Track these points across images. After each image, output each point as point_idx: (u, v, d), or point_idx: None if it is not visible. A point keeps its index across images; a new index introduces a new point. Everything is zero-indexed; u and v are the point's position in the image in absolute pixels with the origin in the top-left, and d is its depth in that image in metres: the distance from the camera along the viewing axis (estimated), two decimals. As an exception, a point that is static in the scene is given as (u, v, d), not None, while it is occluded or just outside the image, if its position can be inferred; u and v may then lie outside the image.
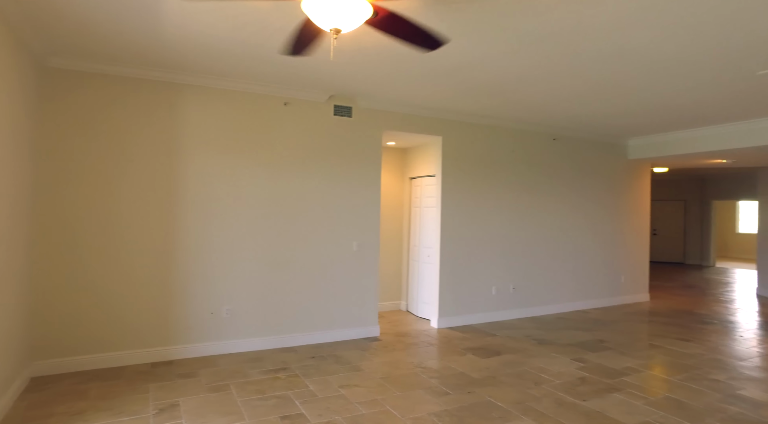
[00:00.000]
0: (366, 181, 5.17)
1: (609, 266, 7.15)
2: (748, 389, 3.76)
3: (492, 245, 6.04)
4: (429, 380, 3.86)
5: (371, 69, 4.01)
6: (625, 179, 7.36)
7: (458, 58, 3.67)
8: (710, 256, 12.67)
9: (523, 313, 6.28)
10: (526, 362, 4.35)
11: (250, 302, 4.58)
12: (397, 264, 6.68)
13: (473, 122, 5.87)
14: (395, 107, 5.29)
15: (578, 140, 6.83)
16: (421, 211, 6.23)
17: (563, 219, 6.68)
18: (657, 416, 3.22)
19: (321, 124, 4.92)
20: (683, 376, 4.03)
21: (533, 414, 3.22)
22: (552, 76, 4.10)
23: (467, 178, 5.85)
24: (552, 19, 2.91)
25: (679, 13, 2.80)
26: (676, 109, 5.24)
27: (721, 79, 4.12)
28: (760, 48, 3.35)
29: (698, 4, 2.69)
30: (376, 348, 4.74)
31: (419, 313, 6.20)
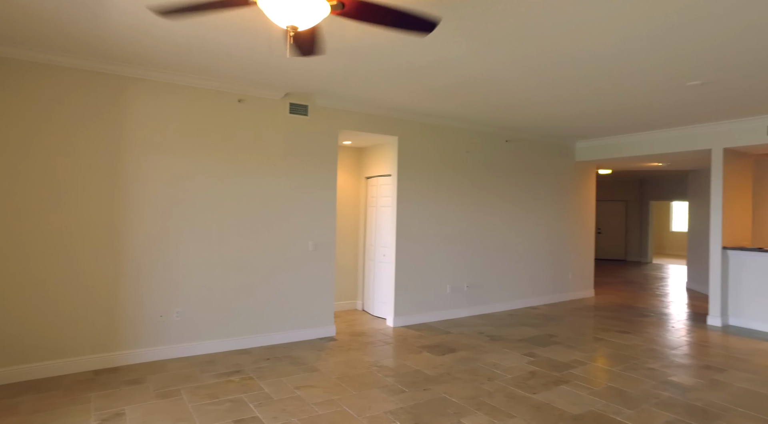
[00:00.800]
0: (322, 180, 5.14)
1: (557, 264, 7.46)
2: (678, 375, 4.03)
3: (447, 245, 6.15)
4: (385, 378, 3.89)
5: (328, 67, 3.99)
6: (572, 180, 7.69)
7: (416, 58, 3.71)
8: (648, 253, 13.49)
9: (476, 310, 6.44)
10: (479, 358, 4.46)
11: (202, 304, 4.44)
12: (354, 263, 6.67)
13: (429, 123, 5.96)
14: (352, 106, 5.28)
15: (530, 142, 7.08)
16: (377, 210, 6.25)
17: (515, 219, 6.90)
18: (600, 404, 3.39)
19: (276, 122, 4.83)
20: (623, 366, 4.27)
21: (486, 408, 3.31)
22: (507, 79, 4.22)
23: (423, 178, 5.93)
24: (509, 24, 3.00)
25: (626, 24, 2.96)
26: (620, 114, 5.54)
27: (659, 88, 4.39)
28: (689, 61, 3.60)
29: (642, 17, 2.85)
30: (332, 348, 4.72)
31: (375, 312, 6.23)
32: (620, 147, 7.07)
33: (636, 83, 4.25)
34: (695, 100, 4.80)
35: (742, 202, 6.50)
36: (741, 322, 5.97)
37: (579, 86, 4.38)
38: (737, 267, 6.03)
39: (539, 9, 2.77)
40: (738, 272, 6.02)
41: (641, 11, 2.78)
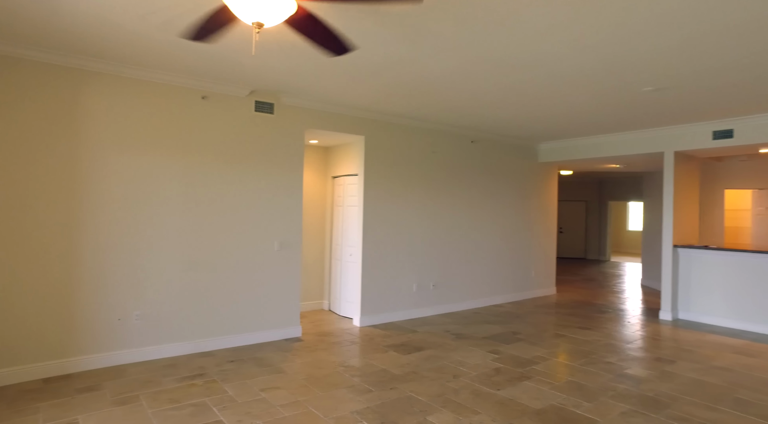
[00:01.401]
0: (288, 179, 5.08)
1: (521, 262, 7.64)
2: (633, 368, 4.21)
3: (413, 244, 6.20)
4: (351, 378, 3.88)
5: (295, 66, 3.94)
6: (536, 181, 7.90)
7: (383, 58, 3.72)
8: (606, 251, 14.01)
9: (442, 309, 6.52)
10: (445, 357, 4.52)
11: (164, 306, 4.31)
12: (320, 263, 6.63)
13: (396, 123, 5.99)
14: (318, 105, 5.24)
15: (495, 143, 7.22)
16: (343, 210, 6.23)
17: (480, 218, 7.02)
18: (561, 398, 3.50)
19: (241, 120, 4.74)
20: (583, 361, 4.42)
21: (452, 406, 3.36)
22: (472, 80, 4.29)
23: (389, 178, 5.96)
24: (473, 26, 3.05)
25: (583, 32, 3.06)
26: (580, 117, 5.73)
27: (615, 93, 4.57)
28: (643, 69, 3.76)
29: (599, 25, 2.96)
30: (298, 349, 4.67)
31: (342, 312, 6.21)
32: (581, 149, 7.31)
33: (593, 88, 4.40)
34: (649, 105, 5.02)
35: (691, 202, 6.84)
36: (689, 315, 6.29)
37: (538, 90, 4.50)
38: (686, 264, 6.35)
39: (496, 15, 2.83)
40: (687, 268, 6.34)
41: (592, 22, 2.88)
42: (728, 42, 3.22)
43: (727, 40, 3.20)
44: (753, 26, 2.95)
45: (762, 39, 3.15)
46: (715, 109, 5.22)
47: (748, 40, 3.18)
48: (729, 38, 3.16)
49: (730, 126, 5.73)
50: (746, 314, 5.81)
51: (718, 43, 3.25)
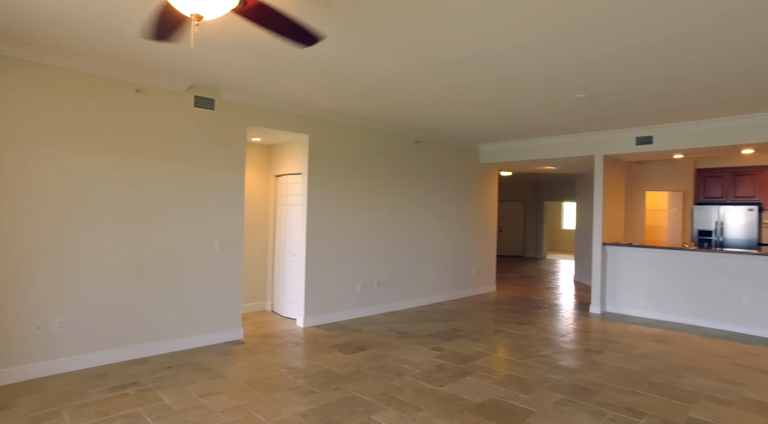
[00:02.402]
0: (229, 177, 4.92)
1: (463, 261, 7.86)
2: (566, 359, 4.46)
3: (358, 243, 6.20)
4: (295, 380, 3.83)
5: (237, 61, 3.82)
6: (477, 181, 8.14)
7: (329, 57, 3.69)
8: (543, 249, 14.71)
9: (387, 308, 6.58)
10: (389, 355, 4.56)
11: (93, 311, 4.03)
12: (262, 263, 6.48)
13: (341, 122, 5.96)
14: (262, 102, 5.12)
15: (438, 144, 7.37)
16: (287, 209, 6.13)
17: (424, 217, 7.15)
18: (500, 392, 3.64)
19: (180, 116, 4.54)
20: (520, 355, 4.62)
21: (396, 404, 3.39)
22: (417, 81, 4.36)
23: (334, 177, 5.92)
24: (418, 27, 3.10)
25: (524, 38, 3.19)
26: (518, 120, 5.97)
27: (552, 98, 4.81)
28: (576, 76, 3.99)
29: (540, 33, 3.10)
30: (239, 352, 4.54)
31: (285, 313, 6.10)
32: (519, 151, 7.62)
33: (532, 93, 4.61)
34: (582, 111, 5.33)
35: (617, 203, 7.34)
36: (616, 308, 6.74)
37: (481, 92, 4.64)
38: (613, 260, 6.80)
39: (441, 18, 2.90)
40: (614, 264, 6.79)
41: (533, 28, 3.02)
42: (651, 57, 3.48)
43: (650, 55, 3.45)
44: (672, 44, 3.20)
45: (678, 56, 3.43)
46: (638, 118, 5.62)
47: (667, 56, 3.45)
48: (652, 53, 3.41)
49: (651, 133, 6.20)
50: (663, 305, 6.31)
51: (643, 58, 3.51)
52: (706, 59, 3.55)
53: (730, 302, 5.78)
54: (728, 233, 7.87)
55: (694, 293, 6.08)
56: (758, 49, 3.31)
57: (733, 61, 3.59)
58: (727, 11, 2.73)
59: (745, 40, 3.15)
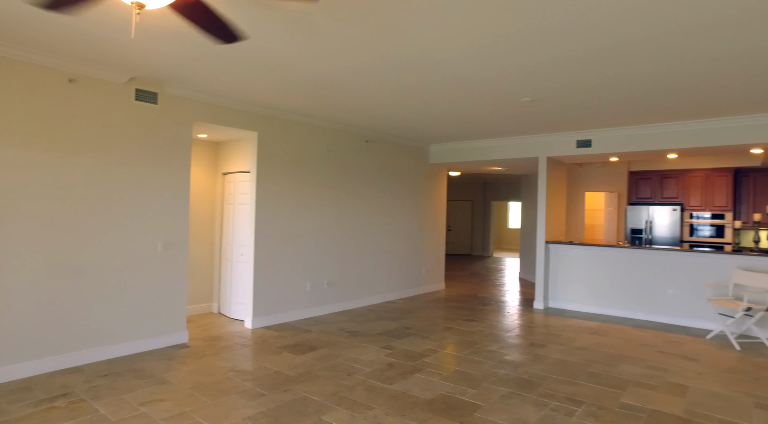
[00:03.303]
0: (173, 175, 4.72)
1: (413, 260, 7.96)
2: (511, 354, 4.63)
3: (307, 242, 6.14)
4: (243, 383, 3.73)
5: (182, 54, 3.67)
6: (426, 181, 8.27)
7: (279, 54, 3.62)
8: (490, 248, 15.16)
9: (337, 307, 6.55)
10: (339, 355, 4.55)
11: (17, 319, 3.74)
12: (209, 264, 6.27)
13: (291, 119, 5.87)
14: (208, 98, 4.95)
15: (388, 143, 7.42)
16: (234, 208, 5.96)
17: (374, 217, 7.18)
18: (449, 388, 3.72)
19: (119, 109, 4.30)
20: (468, 351, 4.74)
21: (347, 403, 3.39)
22: (368, 81, 4.36)
23: (283, 176, 5.83)
24: (369, 28, 3.10)
25: (472, 42, 3.27)
26: (466, 122, 6.12)
27: (499, 101, 4.96)
28: (521, 80, 4.14)
29: (488, 37, 3.19)
30: (184, 356, 4.37)
31: (233, 314, 5.94)
32: (468, 152, 7.82)
33: (480, 95, 4.74)
34: (527, 114, 5.54)
35: (560, 203, 7.69)
36: (558, 304, 7.07)
37: (430, 93, 4.72)
38: (555, 258, 7.12)
39: (391, 19, 2.92)
40: (556, 262, 7.12)
41: (479, 33, 3.11)
42: (589, 65, 3.67)
43: (588, 63, 3.64)
44: (606, 54, 3.40)
45: (611, 66, 3.65)
46: (579, 122, 5.92)
47: (602, 65, 3.65)
48: (589, 62, 3.60)
49: (590, 137, 6.55)
50: (600, 300, 6.68)
51: (582, 65, 3.69)
52: (637, 70, 3.79)
53: (657, 294, 6.22)
54: (656, 231, 8.46)
55: (626, 288, 6.48)
56: (683, 62, 3.58)
57: (660, 73, 3.86)
58: (656, 25, 2.93)
59: (672, 53, 3.39)
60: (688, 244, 8.32)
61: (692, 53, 3.40)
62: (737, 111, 5.17)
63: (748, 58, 3.47)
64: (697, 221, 8.29)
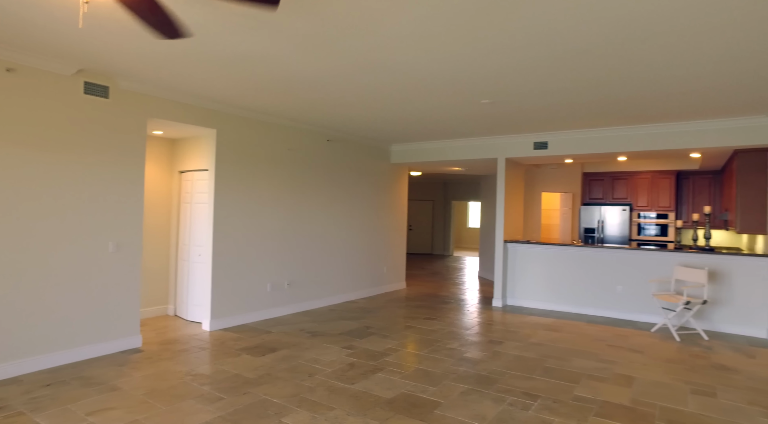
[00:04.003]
0: (126, 173, 4.53)
1: (374, 259, 7.98)
2: (471, 351, 4.72)
3: (267, 242, 6.04)
4: (200, 387, 3.63)
5: (135, 46, 3.52)
6: (388, 181, 8.31)
7: (239, 51, 3.54)
8: (450, 247, 15.40)
9: (298, 307, 6.48)
10: (300, 356, 4.50)
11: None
12: (164, 265, 6.06)
13: (251, 117, 5.76)
14: (165, 93, 4.77)
15: (350, 143, 7.40)
16: (192, 207, 5.79)
17: (335, 216, 7.14)
18: (410, 386, 3.76)
19: (66, 103, 4.08)
20: (429, 349, 4.80)
21: (307, 404, 3.36)
22: (330, 80, 4.34)
23: (243, 174, 5.70)
24: (332, 28, 3.08)
25: (435, 45, 3.31)
26: (428, 122, 6.19)
27: (460, 103, 5.05)
28: (482, 83, 4.23)
29: (451, 41, 3.24)
30: (137, 361, 4.21)
31: (190, 316, 5.76)
32: (428, 152, 7.91)
33: (440, 96, 4.81)
34: (486, 115, 5.66)
35: (517, 203, 7.91)
36: (515, 301, 7.27)
37: (393, 94, 4.75)
38: (513, 257, 7.32)
39: (348, 17, 2.92)
40: (513, 260, 7.31)
41: (441, 37, 3.15)
42: (545, 71, 3.80)
43: (544, 69, 3.76)
44: (560, 62, 3.52)
45: (565, 72, 3.79)
46: (536, 124, 6.11)
47: (557, 71, 3.78)
48: (545, 67, 3.72)
49: (546, 139, 6.77)
50: (555, 297, 6.93)
51: (539, 71, 3.81)
52: (589, 76, 3.95)
53: (608, 291, 6.51)
54: (608, 230, 8.84)
55: (580, 285, 6.75)
56: (631, 71, 3.76)
57: (611, 80, 4.04)
58: (608, 34, 3.06)
59: (621, 61, 3.56)
60: (636, 242, 8.75)
61: (640, 62, 3.58)
62: (678, 118, 5.48)
63: (686, 68, 3.69)
64: (644, 220, 8.73)
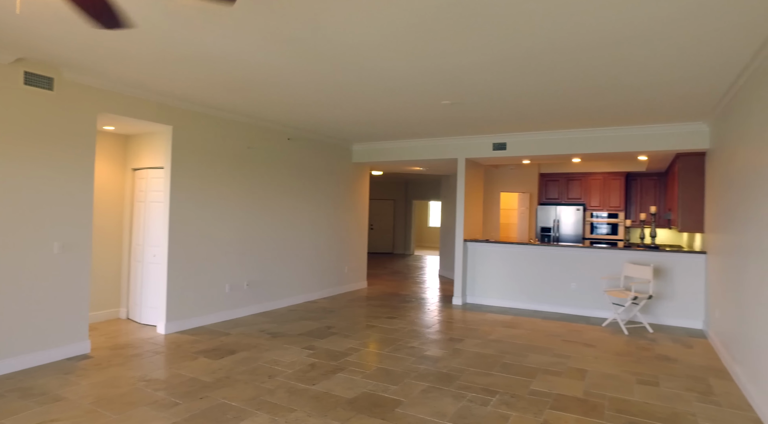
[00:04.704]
0: (73, 169, 4.30)
1: (335, 258, 7.93)
2: (431, 349, 4.78)
3: (226, 242, 5.89)
4: (155, 393, 3.50)
5: (80, 37, 3.35)
6: (349, 180, 8.28)
7: (196, 45, 3.43)
8: (411, 246, 15.53)
9: (258, 308, 6.36)
10: (260, 357, 4.42)
11: None
12: (116, 266, 5.80)
13: (210, 114, 5.60)
14: (117, 87, 4.56)
15: (311, 142, 7.33)
16: (146, 206, 5.57)
17: (296, 215, 7.06)
18: (371, 385, 3.76)
19: (2, 93, 3.83)
20: (390, 348, 4.83)
21: (267, 407, 3.31)
22: (291, 77, 4.28)
23: (201, 172, 5.54)
24: (288, 20, 3.04)
25: (397, 40, 3.33)
26: (391, 122, 6.22)
27: (422, 103, 5.09)
28: (442, 84, 4.29)
29: (406, 41, 3.26)
30: (85, 368, 4.01)
31: (144, 320, 5.55)
32: (390, 152, 7.94)
33: (401, 96, 4.83)
34: (447, 116, 5.74)
35: (477, 202, 8.07)
36: (475, 299, 7.42)
37: (355, 92, 4.74)
38: (473, 255, 7.47)
39: (307, 10, 2.90)
40: (473, 259, 7.46)
41: (402, 36, 3.18)
42: (502, 73, 3.89)
43: (501, 72, 3.85)
44: (515, 64, 3.62)
45: (526, 74, 3.90)
46: (495, 126, 6.25)
47: (512, 75, 3.89)
48: (502, 70, 3.81)
49: (505, 140, 6.94)
50: (514, 294, 7.12)
51: (497, 73, 3.90)
52: (545, 80, 4.08)
53: (563, 288, 6.75)
54: (563, 230, 9.17)
55: (537, 282, 6.96)
56: (582, 76, 3.91)
57: (565, 86, 4.19)
58: (560, 44, 3.17)
59: (573, 69, 3.70)
60: (589, 241, 9.11)
61: (592, 70, 3.73)
62: (628, 122, 5.75)
63: (636, 76, 3.88)
64: (596, 219, 9.11)
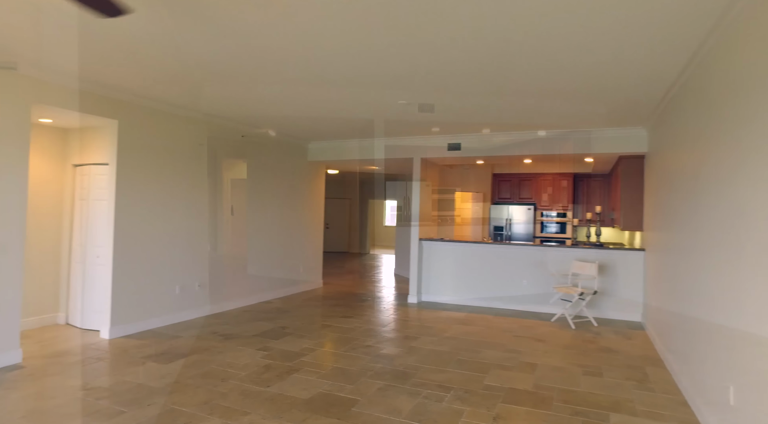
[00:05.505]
0: (3, 165, 4.01)
1: (290, 258, 7.82)
2: (387, 348, 4.81)
3: (176, 241, 5.68)
4: (96, 402, 3.33)
5: (13, 21, 3.12)
6: (305, 179, 8.18)
7: (144, 34, 3.28)
8: (367, 245, 15.55)
9: (210, 310, 6.17)
10: (212, 360, 4.29)
11: None
12: (54, 268, 5.45)
13: (159, 109, 5.37)
14: (54, 77, 4.28)
15: (266, 139, 7.18)
16: (89, 204, 5.27)
17: (250, 214, 6.90)
18: (327, 385, 3.74)
19: (-75, 81, 3.52)
20: (346, 347, 4.82)
21: (220, 411, 3.22)
22: (246, 72, 4.17)
23: (149, 170, 5.31)
24: (250, 15, 2.97)
25: (352, 38, 3.32)
26: (347, 120, 6.19)
27: (377, 102, 5.11)
28: (402, 83, 4.33)
29: (359, 39, 3.26)
30: (15, 380, 3.74)
31: (85, 324, 5.25)
32: (346, 150, 7.91)
33: (359, 94, 4.83)
34: (403, 116, 5.79)
35: (432, 202, 8.19)
36: (430, 297, 7.52)
37: (311, 90, 4.68)
38: (428, 254, 7.57)
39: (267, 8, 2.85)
40: (428, 257, 7.56)
41: (357, 33, 3.18)
42: (460, 76, 3.97)
43: (460, 74, 3.93)
44: (463, 68, 3.71)
45: (478, 78, 4.00)
46: (450, 126, 6.36)
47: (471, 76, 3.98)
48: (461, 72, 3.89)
49: (460, 141, 7.07)
50: (468, 292, 7.28)
51: (451, 75, 3.97)
52: (496, 83, 4.20)
53: (515, 285, 6.97)
54: (515, 228, 9.47)
55: (490, 280, 7.15)
56: (524, 80, 4.05)
57: (511, 88, 4.33)
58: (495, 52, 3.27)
59: (518, 74, 3.83)
60: (540, 239, 9.46)
61: (532, 74, 3.87)
62: (575, 126, 6.01)
63: (586, 80, 4.06)
64: (546, 218, 9.47)
